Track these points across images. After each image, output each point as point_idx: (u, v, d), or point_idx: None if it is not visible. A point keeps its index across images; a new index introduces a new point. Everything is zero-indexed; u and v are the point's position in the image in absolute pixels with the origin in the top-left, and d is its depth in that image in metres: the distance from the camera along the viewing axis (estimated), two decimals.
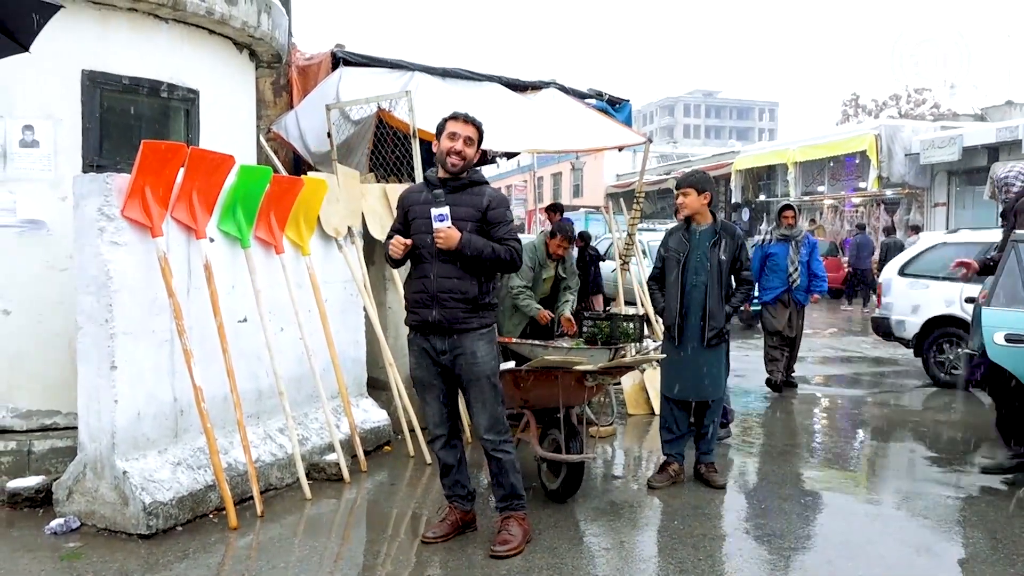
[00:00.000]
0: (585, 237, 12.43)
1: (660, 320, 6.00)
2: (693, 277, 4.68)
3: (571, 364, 4.10)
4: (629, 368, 4.69)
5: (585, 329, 6.30)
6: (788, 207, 7.89)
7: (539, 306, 6.34)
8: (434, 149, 3.77)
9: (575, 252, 6.88)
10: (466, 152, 3.62)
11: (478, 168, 3.91)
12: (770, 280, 7.69)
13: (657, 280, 4.94)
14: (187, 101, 4.98)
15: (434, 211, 3.49)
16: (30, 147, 4.40)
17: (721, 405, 4.87)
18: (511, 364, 4.92)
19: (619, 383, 6.70)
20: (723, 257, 4.67)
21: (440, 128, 3.69)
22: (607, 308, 7.77)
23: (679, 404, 4.75)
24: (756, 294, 6.79)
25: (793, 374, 8.13)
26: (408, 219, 3.71)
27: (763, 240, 7.98)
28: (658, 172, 31.92)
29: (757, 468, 5.31)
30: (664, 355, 4.70)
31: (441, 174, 3.68)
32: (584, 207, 33.15)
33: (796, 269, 7.60)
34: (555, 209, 12.19)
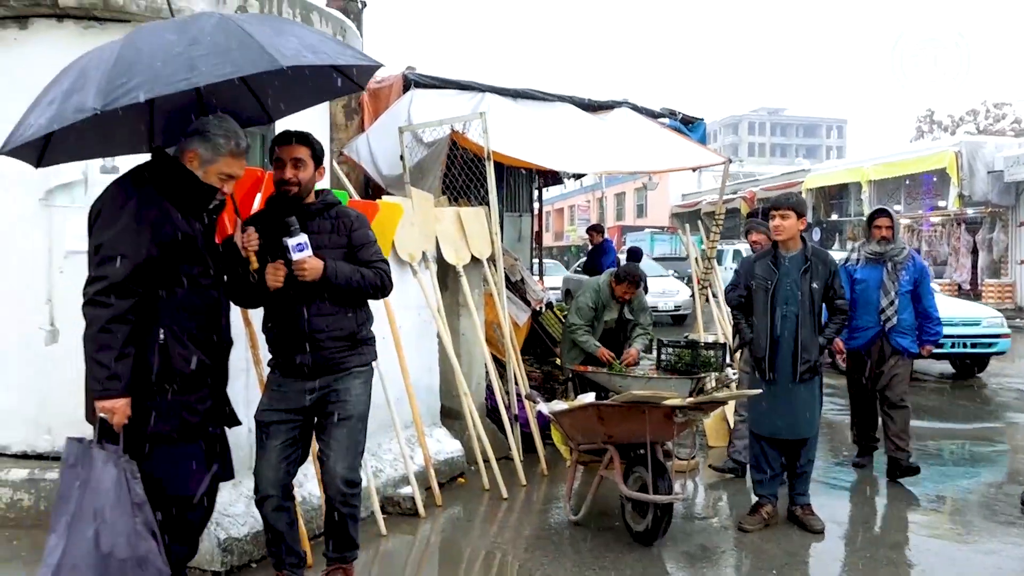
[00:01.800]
0: (599, 229, 12.29)
1: (739, 352, 5.72)
2: (783, 307, 4.39)
3: (660, 399, 3.86)
4: (721, 403, 4.42)
5: (664, 357, 6.04)
6: (882, 212, 5.55)
7: (597, 343, 6.08)
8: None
9: (643, 293, 6.59)
10: (300, 176, 3.15)
11: (327, 191, 3.45)
12: (857, 318, 5.45)
13: (742, 309, 4.67)
14: (264, 127, 4.92)
15: (290, 241, 3.00)
16: (110, 173, 4.38)
17: (816, 442, 4.55)
18: (591, 396, 4.72)
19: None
20: (815, 285, 4.37)
21: (271, 152, 3.26)
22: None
23: (771, 442, 4.46)
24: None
25: (910, 457, 5.46)
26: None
27: (847, 261, 5.73)
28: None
29: (856, 511, 4.96)
30: (757, 392, 4.39)
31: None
32: (649, 227, 32.81)
33: (892, 303, 5.38)
34: (597, 230, 12.07)
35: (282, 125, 4.96)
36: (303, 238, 3.03)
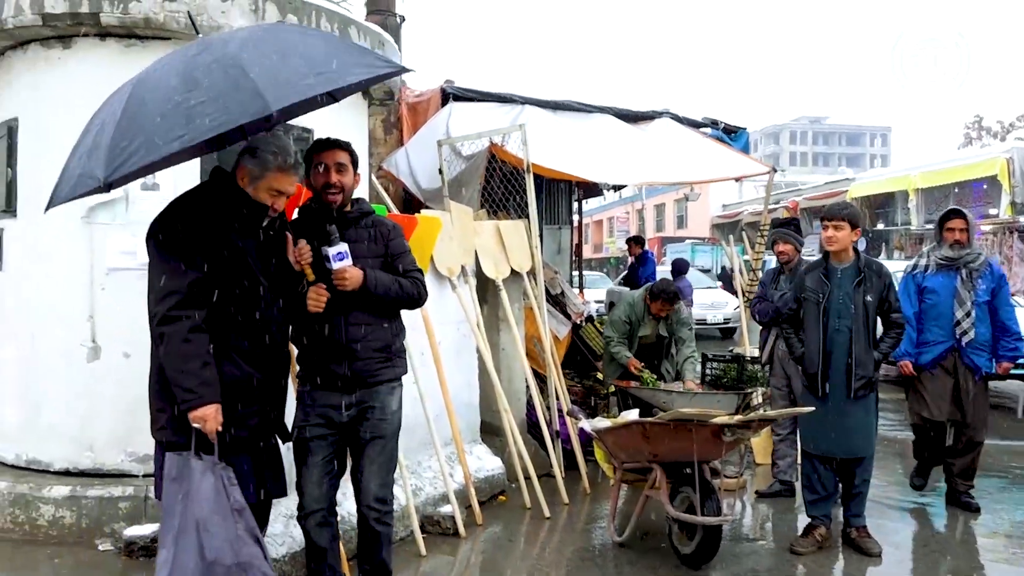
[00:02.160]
0: (639, 240, 12.11)
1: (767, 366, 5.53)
2: (836, 321, 4.20)
3: (708, 416, 3.73)
4: (771, 421, 4.25)
5: (709, 371, 5.90)
6: (956, 213, 4.99)
7: (629, 354, 5.99)
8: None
9: (684, 308, 6.44)
10: (343, 181, 3.14)
11: (362, 200, 3.37)
12: (927, 330, 4.98)
13: (792, 323, 4.50)
14: (301, 140, 4.91)
15: (330, 250, 2.98)
16: (151, 190, 4.39)
17: (872, 462, 4.36)
18: (634, 413, 4.59)
19: None
20: (869, 298, 4.19)
21: (307, 162, 3.21)
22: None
23: (824, 461, 4.28)
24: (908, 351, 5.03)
25: (971, 492, 5.09)
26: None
27: (914, 268, 5.14)
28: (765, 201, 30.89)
29: (915, 532, 4.74)
30: (810, 409, 4.20)
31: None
32: (690, 238, 32.45)
33: (968, 314, 4.85)
34: (637, 241, 11.91)
35: (323, 133, 4.96)
36: (343, 247, 3.00)
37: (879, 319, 4.33)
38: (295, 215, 3.35)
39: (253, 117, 2.43)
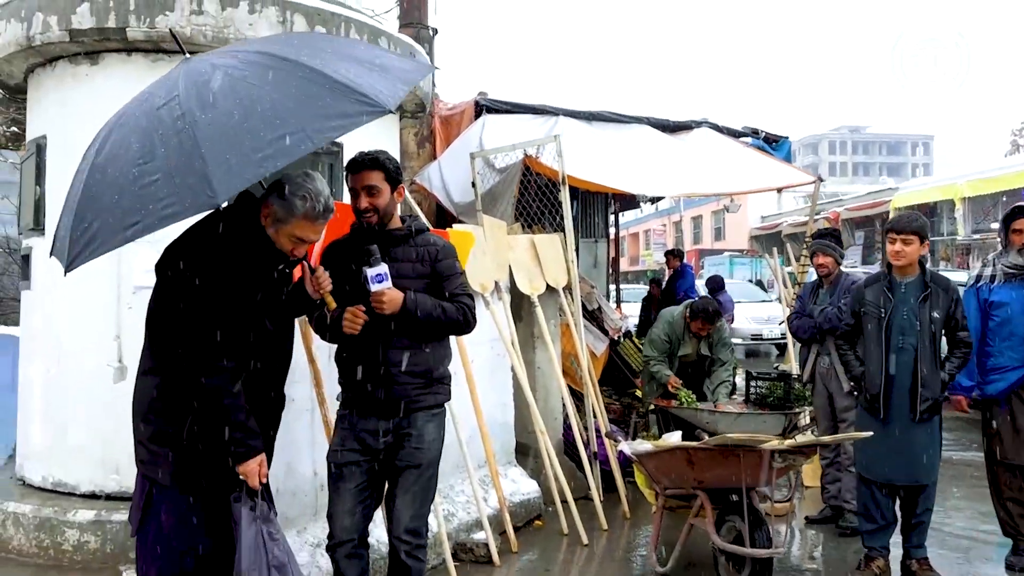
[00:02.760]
0: (677, 253, 11.82)
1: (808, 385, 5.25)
2: (899, 338, 3.93)
3: (757, 442, 3.50)
4: (825, 446, 3.99)
5: (754, 390, 5.64)
6: (1022, 211, 4.25)
7: (669, 372, 5.78)
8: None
9: (725, 326, 6.19)
10: (376, 203, 2.94)
11: (415, 216, 3.24)
12: (997, 353, 4.20)
13: (848, 339, 4.25)
14: (331, 155, 4.81)
15: (369, 271, 2.81)
16: None
17: (935, 489, 4.08)
18: (676, 436, 4.37)
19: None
20: (936, 315, 3.91)
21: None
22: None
23: (883, 488, 4.01)
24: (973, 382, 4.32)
25: None
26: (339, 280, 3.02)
27: (978, 279, 4.39)
28: (805, 212, 30.35)
29: (979, 565, 4.44)
30: (868, 434, 3.92)
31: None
32: (728, 251, 31.97)
33: None
34: (675, 255, 11.65)
35: (353, 148, 4.84)
36: (383, 268, 2.84)
37: (944, 338, 4.05)
38: (347, 230, 3.19)
39: (200, 211, 2.25)
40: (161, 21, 4.13)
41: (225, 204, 2.75)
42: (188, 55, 2.69)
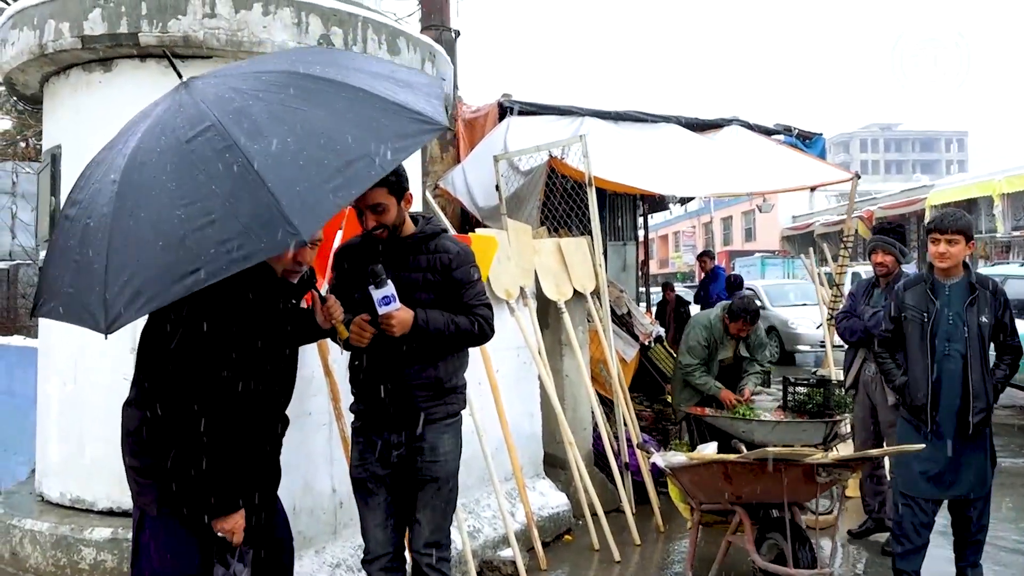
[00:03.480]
0: (710, 255, 11.51)
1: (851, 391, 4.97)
2: (944, 345, 3.66)
3: (801, 456, 3.29)
4: (871, 459, 3.75)
5: (791, 396, 5.41)
6: None
7: (720, 385, 5.48)
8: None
9: (761, 328, 5.90)
10: (384, 220, 2.77)
11: (429, 218, 2.99)
12: None
13: (887, 346, 4.02)
14: None
15: (375, 293, 2.63)
16: None
17: (989, 503, 3.82)
18: (712, 447, 4.17)
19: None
20: (984, 319, 3.64)
21: None
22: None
23: (927, 507, 3.74)
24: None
25: None
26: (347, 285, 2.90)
27: None
28: (837, 212, 29.81)
29: None
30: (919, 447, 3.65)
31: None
32: (759, 251, 31.52)
33: None
34: (708, 256, 11.39)
35: None
36: (389, 290, 2.64)
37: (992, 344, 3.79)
38: (347, 242, 3.03)
39: (279, 250, 2.01)
40: (174, 25, 4.03)
41: None
42: (183, 79, 2.45)
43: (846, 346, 5.14)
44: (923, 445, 3.51)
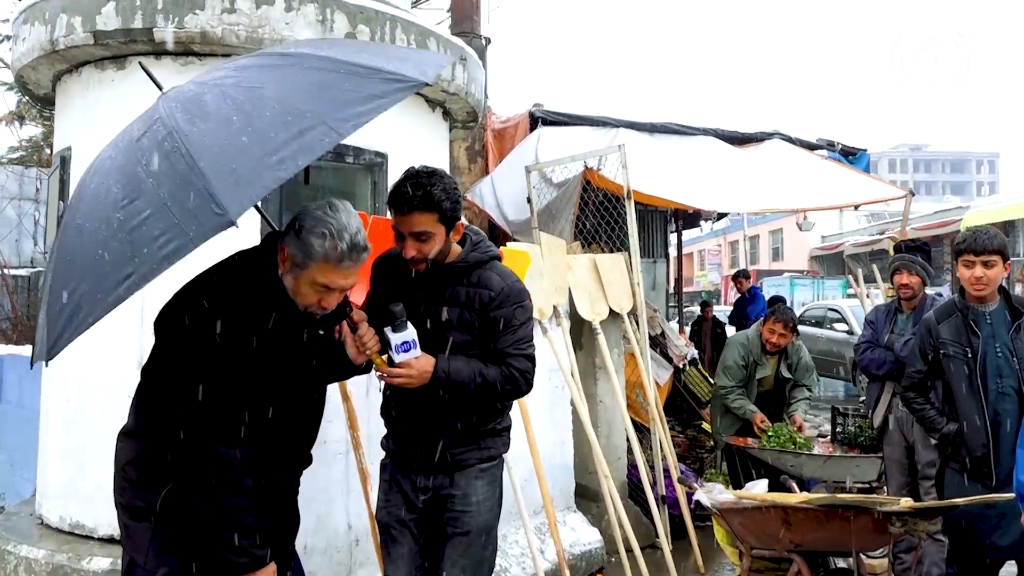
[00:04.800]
0: (746, 274, 11.04)
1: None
2: (997, 382, 3.20)
3: (873, 503, 2.93)
4: (953, 508, 3.32)
5: (840, 428, 5.04)
6: None
7: (754, 408, 5.11)
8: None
9: (804, 348, 5.50)
10: (426, 250, 2.37)
11: (478, 242, 2.58)
12: None
13: (919, 389, 3.56)
14: (374, 165, 4.40)
15: (392, 337, 2.28)
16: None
17: None
18: (762, 485, 3.81)
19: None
20: None
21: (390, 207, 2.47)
22: None
23: (986, 565, 3.27)
24: None
25: None
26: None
27: None
28: (869, 232, 29.25)
29: None
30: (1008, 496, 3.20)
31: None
32: (788, 271, 30.98)
33: None
34: (743, 276, 10.93)
35: (399, 160, 4.42)
36: (409, 335, 2.29)
37: None
38: (386, 253, 2.66)
39: (208, 236, 1.71)
40: (191, 20, 3.78)
41: (242, 250, 2.28)
42: (163, 90, 2.17)
43: (867, 380, 4.68)
44: (1011, 495, 3.10)
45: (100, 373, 3.94)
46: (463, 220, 2.50)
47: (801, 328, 12.65)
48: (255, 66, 2.13)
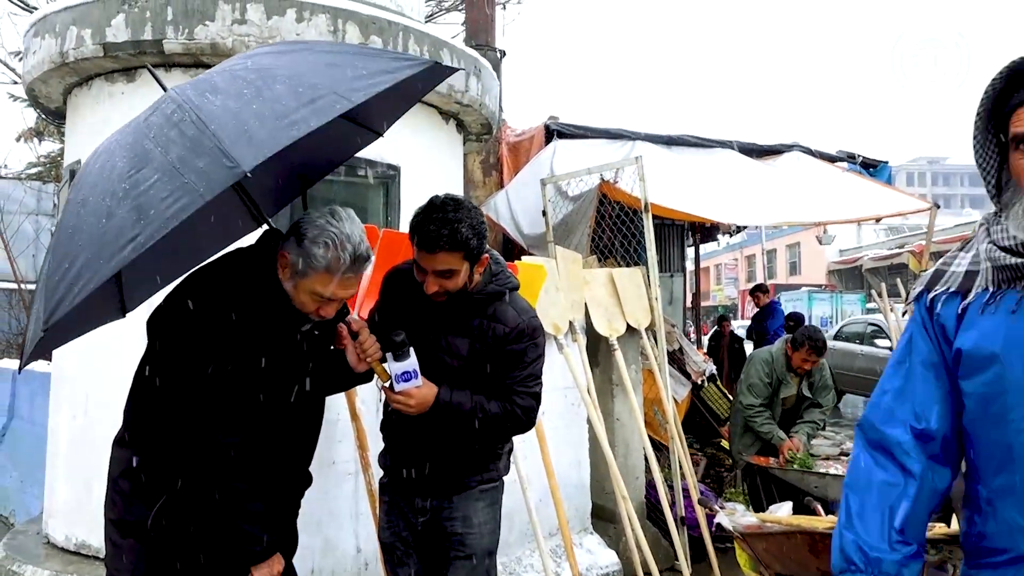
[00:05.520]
0: (764, 289, 10.85)
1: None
2: None
3: None
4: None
5: None
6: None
7: (783, 435, 4.96)
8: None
9: (825, 366, 5.33)
10: (448, 286, 2.26)
11: (501, 270, 2.45)
12: (990, 506, 1.51)
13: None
14: (387, 178, 4.33)
15: (393, 367, 2.18)
16: None
17: None
18: (786, 507, 3.67)
19: None
20: None
21: (411, 235, 2.31)
22: None
23: None
24: None
25: None
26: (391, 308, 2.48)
27: (928, 290, 2.17)
28: (887, 246, 28.95)
29: None
30: None
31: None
32: (805, 285, 30.70)
33: None
34: (761, 290, 10.77)
35: (413, 172, 4.34)
36: (411, 364, 2.19)
37: None
38: (399, 266, 2.56)
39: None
40: (200, 32, 3.74)
41: (237, 248, 2.22)
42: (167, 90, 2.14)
43: None
44: None
45: (108, 390, 3.85)
46: (487, 254, 2.38)
47: (839, 344, 12.47)
48: (265, 53, 2.12)
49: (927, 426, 1.56)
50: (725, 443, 6.69)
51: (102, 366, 3.94)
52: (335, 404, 3.11)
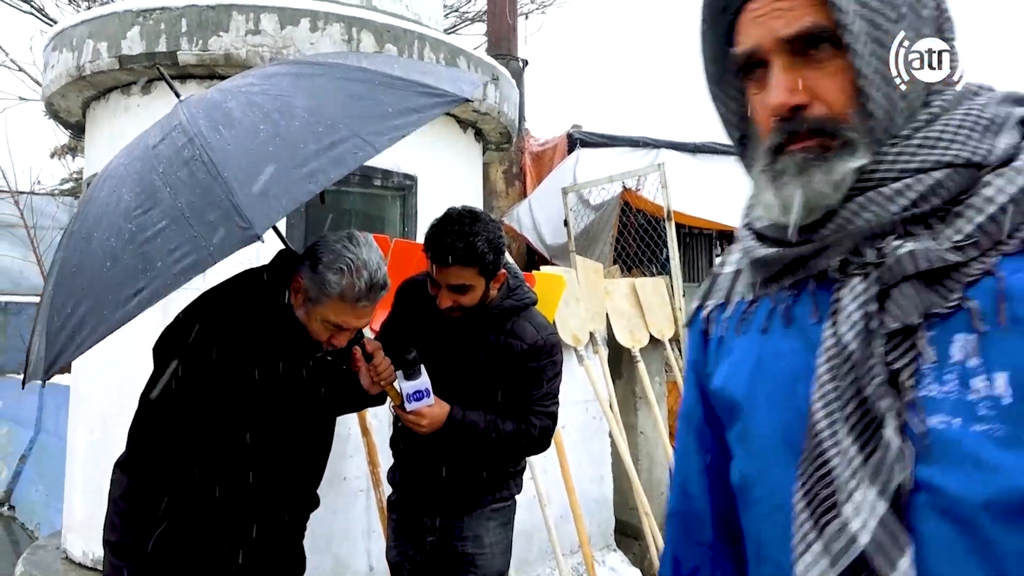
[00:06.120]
0: None
1: None
2: None
3: None
4: None
5: None
6: None
7: None
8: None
9: None
10: (463, 301, 2.17)
11: (519, 284, 2.36)
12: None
13: None
14: (403, 188, 4.27)
15: (404, 385, 2.10)
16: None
17: None
18: None
19: None
20: None
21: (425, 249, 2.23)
22: None
23: None
24: None
25: None
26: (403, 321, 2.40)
27: (697, 312, 1.78)
28: None
29: None
30: None
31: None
32: None
33: None
34: None
35: (430, 184, 4.28)
36: (423, 383, 2.12)
37: None
38: (413, 278, 2.48)
39: (230, 251, 1.57)
40: (215, 43, 3.71)
41: (250, 269, 2.16)
42: (180, 98, 2.07)
43: None
44: None
45: (123, 405, 3.81)
46: (504, 270, 2.28)
47: None
48: (283, 74, 2.02)
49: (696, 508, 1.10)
50: None
51: (116, 383, 3.92)
52: (346, 418, 3.04)
